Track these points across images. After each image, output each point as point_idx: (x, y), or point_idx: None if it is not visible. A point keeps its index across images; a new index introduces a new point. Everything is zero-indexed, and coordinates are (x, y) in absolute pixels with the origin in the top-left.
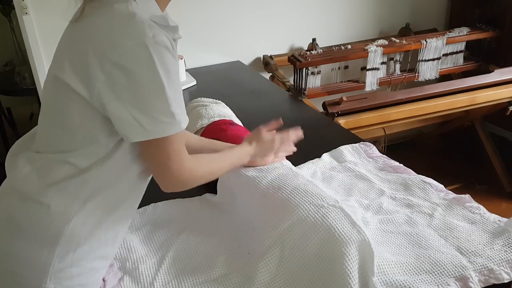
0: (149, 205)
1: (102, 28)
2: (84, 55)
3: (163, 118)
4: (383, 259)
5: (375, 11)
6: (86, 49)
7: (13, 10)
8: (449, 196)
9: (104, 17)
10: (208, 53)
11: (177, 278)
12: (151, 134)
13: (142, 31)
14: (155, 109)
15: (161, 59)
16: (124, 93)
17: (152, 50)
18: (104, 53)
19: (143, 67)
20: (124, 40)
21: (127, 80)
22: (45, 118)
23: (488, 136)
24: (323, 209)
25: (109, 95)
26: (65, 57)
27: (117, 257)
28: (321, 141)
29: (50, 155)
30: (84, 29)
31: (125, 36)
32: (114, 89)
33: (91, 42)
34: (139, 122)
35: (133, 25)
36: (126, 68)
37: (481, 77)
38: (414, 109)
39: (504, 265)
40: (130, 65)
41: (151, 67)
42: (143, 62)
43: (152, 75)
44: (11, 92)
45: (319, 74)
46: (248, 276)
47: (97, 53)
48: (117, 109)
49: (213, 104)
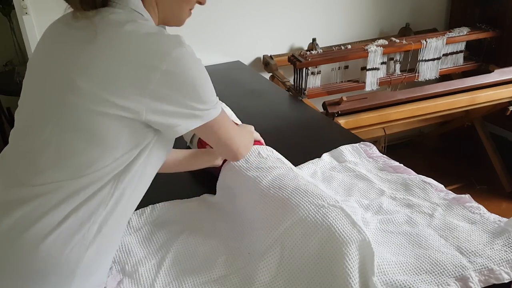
0: (147, 207)
1: (141, 43)
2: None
3: (210, 104)
4: (383, 259)
5: (375, 11)
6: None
7: (13, 10)
8: (449, 196)
9: (137, 32)
10: (208, 53)
11: (177, 279)
12: (205, 118)
13: (180, 40)
14: (206, 98)
15: (194, 55)
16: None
17: (190, 50)
18: (152, 65)
19: (192, 68)
20: (171, 49)
21: (180, 84)
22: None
23: (488, 136)
24: (323, 209)
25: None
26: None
27: (116, 260)
28: (321, 141)
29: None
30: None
31: (170, 45)
32: (163, 96)
33: (130, 60)
34: (194, 114)
35: (169, 35)
36: (178, 72)
37: (481, 77)
38: (414, 109)
39: (504, 265)
40: (182, 69)
41: (198, 66)
42: (191, 64)
43: (201, 72)
44: (11, 92)
45: (319, 74)
46: (248, 276)
47: (142, 67)
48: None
49: None
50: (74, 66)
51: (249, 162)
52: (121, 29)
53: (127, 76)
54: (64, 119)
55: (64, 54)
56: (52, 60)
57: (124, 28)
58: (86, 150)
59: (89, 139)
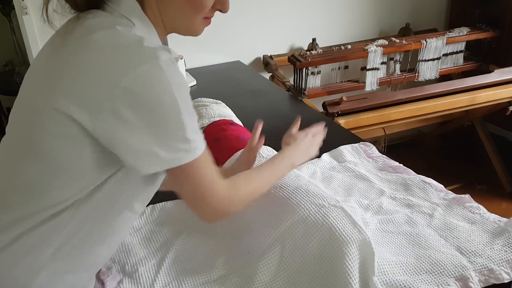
0: (147, 207)
1: (107, 53)
2: (85, 83)
3: (178, 145)
4: (383, 259)
5: (375, 11)
6: (87, 76)
7: (13, 10)
8: (449, 196)
9: (107, 40)
10: (208, 53)
11: (177, 279)
12: (165, 163)
13: (155, 54)
14: (170, 136)
15: (177, 82)
16: (135, 122)
17: (168, 73)
18: (112, 79)
19: (158, 92)
20: (136, 65)
21: (139, 108)
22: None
23: (488, 136)
24: (324, 209)
25: (117, 126)
26: (57, 86)
27: (116, 259)
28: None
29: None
30: (81, 54)
31: (137, 60)
32: (123, 118)
33: (93, 69)
34: (152, 152)
35: (144, 48)
36: (139, 94)
37: (481, 77)
38: (414, 109)
39: (504, 265)
40: (144, 91)
41: (168, 91)
42: (158, 86)
43: (168, 100)
44: (11, 92)
45: (319, 74)
46: (248, 276)
47: (103, 80)
48: (126, 139)
49: (214, 104)
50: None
51: None
52: (89, 37)
53: (86, 90)
54: (20, 139)
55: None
56: (33, 71)
57: (92, 37)
58: (38, 174)
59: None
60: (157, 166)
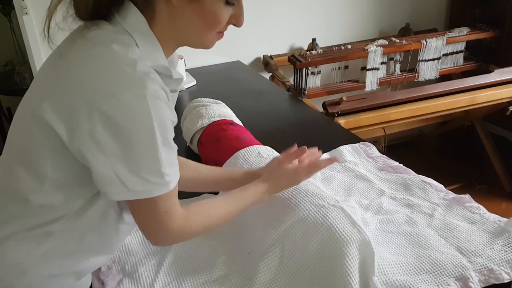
0: None
1: (97, 73)
2: (69, 97)
3: (151, 178)
4: (383, 259)
5: (375, 11)
6: (73, 91)
7: (13, 10)
8: (449, 196)
9: (99, 59)
10: (208, 53)
11: (177, 279)
12: (135, 194)
13: (143, 83)
14: (144, 168)
15: (159, 115)
16: (110, 148)
17: (151, 104)
18: (94, 101)
19: (137, 123)
20: (121, 91)
21: (116, 135)
22: (8, 159)
23: (488, 136)
24: (323, 209)
25: (92, 147)
26: (45, 93)
27: (116, 259)
28: (321, 141)
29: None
30: (73, 68)
31: (123, 86)
32: (98, 142)
33: (80, 86)
34: (123, 181)
35: (134, 75)
36: (118, 121)
37: (481, 77)
38: (414, 109)
39: (504, 265)
40: (123, 119)
41: (147, 123)
42: (138, 117)
43: (147, 132)
44: (11, 92)
45: (319, 74)
46: (248, 276)
47: (86, 100)
48: (99, 163)
49: (214, 104)
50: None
51: (249, 162)
52: (85, 53)
53: (69, 105)
54: (14, 145)
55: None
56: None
57: (88, 53)
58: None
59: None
60: (126, 195)
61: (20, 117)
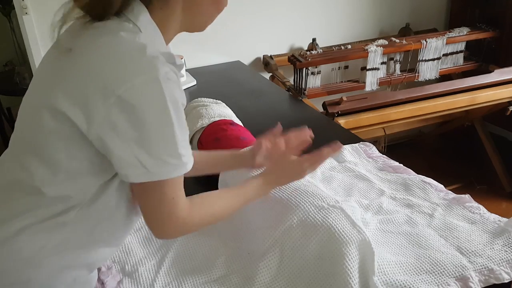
0: None
1: (108, 59)
2: (84, 86)
3: (169, 159)
4: (383, 259)
5: (375, 11)
6: (86, 80)
7: (13, 10)
8: (449, 196)
9: (110, 46)
10: (208, 53)
11: (177, 279)
12: (154, 175)
13: (155, 66)
14: (162, 149)
15: (172, 96)
16: (128, 131)
17: (165, 86)
18: (109, 87)
19: (153, 105)
20: (134, 75)
21: (133, 118)
22: (18, 153)
23: (488, 136)
24: (323, 210)
25: (110, 132)
26: (58, 85)
27: (116, 259)
28: (321, 141)
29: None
30: (85, 57)
31: (135, 70)
32: (116, 127)
33: (93, 74)
34: (142, 163)
35: (145, 59)
36: (134, 104)
37: (481, 77)
38: (414, 109)
39: (504, 265)
40: (139, 102)
41: (162, 105)
42: (153, 99)
43: (162, 114)
44: (11, 92)
45: (319, 74)
46: (248, 277)
47: (100, 86)
48: (118, 147)
49: (214, 104)
50: (42, 78)
51: None
52: (95, 42)
53: (85, 94)
54: (27, 134)
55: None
56: (38, 72)
57: (97, 42)
58: (40, 169)
59: (44, 159)
60: (146, 177)
61: (29, 110)
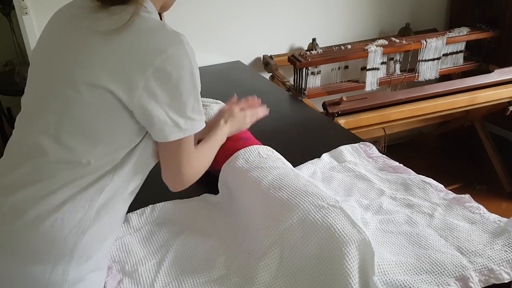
0: (147, 207)
1: (141, 37)
2: (123, 62)
3: (195, 116)
4: (383, 259)
5: (375, 11)
6: (124, 56)
7: (13, 10)
8: (449, 196)
9: (139, 25)
10: (208, 53)
11: (177, 279)
12: (186, 132)
13: (180, 38)
14: (190, 108)
15: (194, 60)
16: (163, 97)
17: (190, 54)
18: (146, 59)
19: (184, 70)
20: (167, 46)
21: (169, 84)
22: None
23: (488, 136)
24: (323, 210)
25: (149, 99)
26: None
27: (116, 259)
28: (321, 141)
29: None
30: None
31: (166, 42)
32: (153, 93)
33: (131, 50)
34: (176, 122)
35: (170, 32)
36: (169, 72)
37: (481, 77)
38: (414, 109)
39: (504, 265)
40: (173, 69)
41: (191, 69)
42: (184, 65)
43: (191, 78)
44: (11, 92)
45: (319, 74)
46: (248, 277)
47: (139, 60)
48: (156, 112)
49: (214, 104)
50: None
51: (249, 162)
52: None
53: (125, 69)
54: (60, 111)
55: (68, 44)
56: (56, 50)
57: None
58: (81, 143)
59: (85, 133)
60: (178, 134)
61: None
